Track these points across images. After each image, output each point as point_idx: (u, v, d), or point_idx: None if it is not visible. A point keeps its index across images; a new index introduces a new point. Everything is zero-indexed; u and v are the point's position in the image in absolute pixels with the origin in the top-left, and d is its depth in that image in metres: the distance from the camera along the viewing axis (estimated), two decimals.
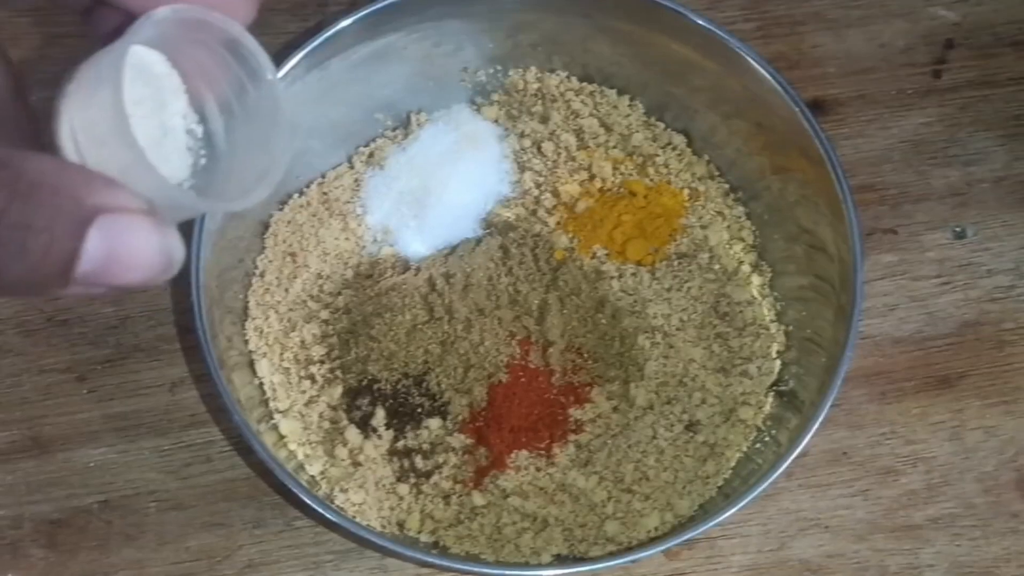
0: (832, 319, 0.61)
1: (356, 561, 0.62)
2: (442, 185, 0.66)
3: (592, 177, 0.67)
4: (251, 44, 0.37)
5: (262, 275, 0.65)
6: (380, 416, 0.61)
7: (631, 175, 0.68)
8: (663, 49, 0.65)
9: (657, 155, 0.68)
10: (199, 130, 0.38)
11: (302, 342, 0.63)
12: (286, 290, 0.64)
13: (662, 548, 0.58)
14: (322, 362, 0.63)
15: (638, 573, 0.62)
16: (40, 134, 0.35)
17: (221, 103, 0.38)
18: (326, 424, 0.62)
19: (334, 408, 0.62)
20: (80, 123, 0.34)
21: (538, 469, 0.61)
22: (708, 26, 0.62)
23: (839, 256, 0.61)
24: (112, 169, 0.33)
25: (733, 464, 0.62)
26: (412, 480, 0.61)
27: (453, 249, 0.66)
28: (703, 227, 0.67)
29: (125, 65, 0.34)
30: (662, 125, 0.68)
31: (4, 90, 0.34)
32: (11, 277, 0.31)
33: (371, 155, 0.68)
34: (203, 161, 0.38)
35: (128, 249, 0.31)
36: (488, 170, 0.67)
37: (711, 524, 0.56)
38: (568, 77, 0.68)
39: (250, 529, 0.63)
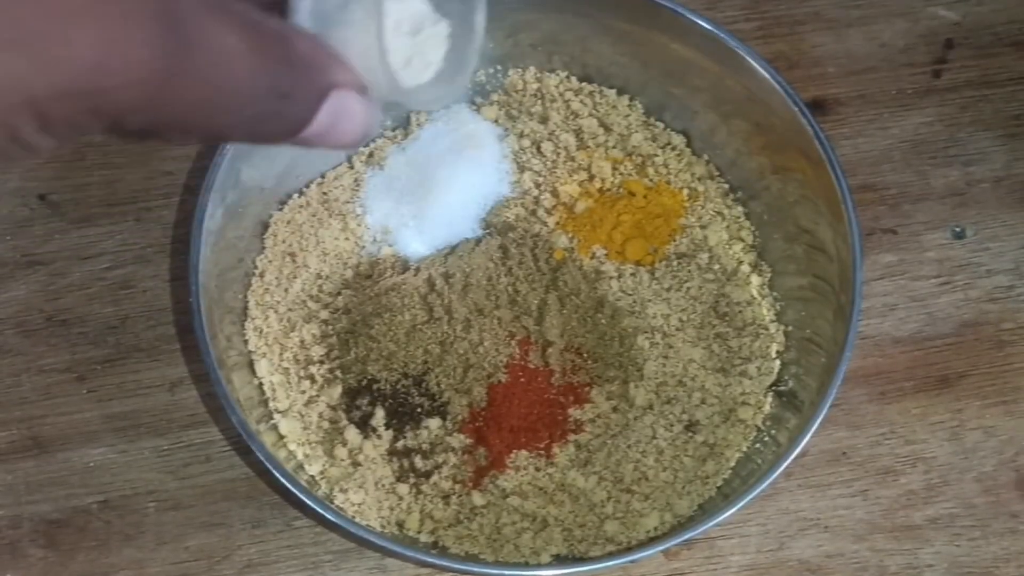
0: (832, 319, 0.61)
1: (355, 561, 0.62)
2: (442, 185, 0.66)
3: (591, 177, 0.67)
4: None
5: (262, 275, 0.65)
6: (379, 416, 0.61)
7: (630, 175, 0.68)
8: (663, 49, 0.65)
9: (656, 155, 0.68)
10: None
11: (302, 342, 0.63)
12: (286, 290, 0.64)
13: (661, 548, 0.58)
14: (321, 362, 0.63)
15: (637, 573, 0.62)
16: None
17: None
18: (325, 424, 0.62)
19: (333, 408, 0.62)
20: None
21: (537, 469, 0.61)
22: (708, 26, 0.62)
23: (839, 256, 0.61)
24: (344, 45, 0.35)
25: (732, 464, 0.62)
26: (411, 480, 0.61)
27: (453, 249, 0.66)
28: (702, 227, 0.67)
29: None
30: (661, 125, 0.69)
31: None
32: (262, 135, 0.34)
33: (371, 155, 0.68)
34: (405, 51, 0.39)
35: (346, 121, 0.35)
36: (487, 170, 0.67)
37: (710, 524, 0.56)
38: (567, 77, 0.69)
39: (249, 529, 0.63)
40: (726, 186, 0.68)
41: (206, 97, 0.32)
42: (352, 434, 0.61)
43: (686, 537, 0.57)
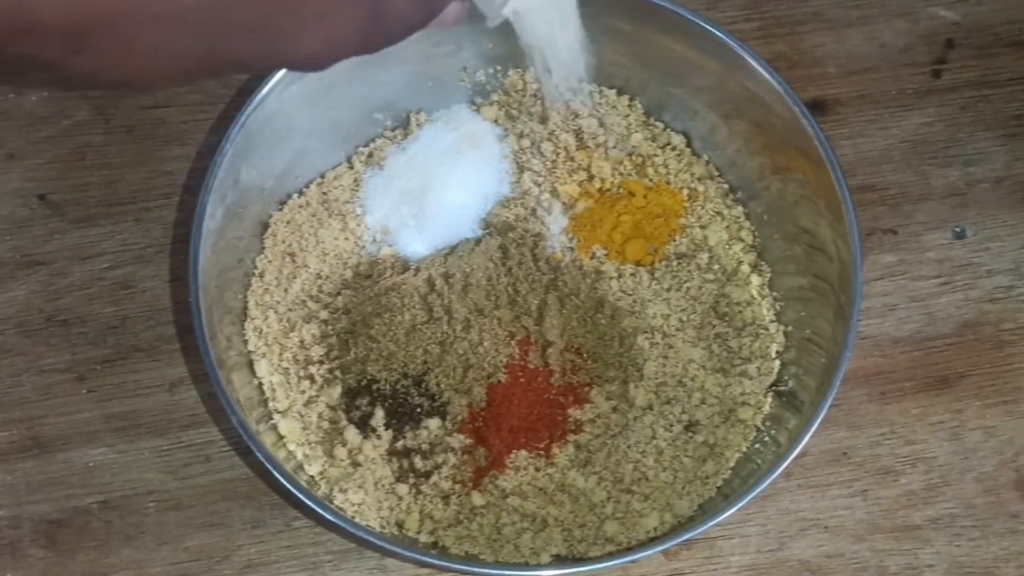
0: (831, 319, 0.61)
1: (355, 561, 0.62)
2: (441, 185, 0.66)
3: (591, 177, 0.67)
4: None
5: (261, 275, 0.65)
6: (379, 416, 0.61)
7: (630, 175, 0.68)
8: (663, 49, 0.65)
9: (656, 155, 0.68)
10: None
11: (301, 342, 0.63)
12: (285, 290, 0.64)
13: (661, 548, 0.58)
14: (321, 362, 0.63)
15: (637, 573, 0.62)
16: None
17: None
18: (325, 424, 0.62)
19: (333, 408, 0.62)
20: None
21: (537, 469, 0.61)
22: (708, 26, 0.62)
23: (839, 256, 0.61)
24: None
25: (732, 464, 0.62)
26: (411, 480, 0.61)
27: (452, 249, 0.66)
28: (702, 227, 0.67)
29: None
30: (661, 125, 0.69)
31: None
32: (390, 44, 0.40)
33: (371, 155, 0.68)
34: None
35: (446, 19, 0.44)
36: (487, 170, 0.67)
37: (710, 524, 0.56)
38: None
39: (249, 529, 0.63)
40: (726, 186, 0.68)
41: (379, 45, 0.39)
42: (352, 434, 0.61)
43: (686, 537, 0.57)
